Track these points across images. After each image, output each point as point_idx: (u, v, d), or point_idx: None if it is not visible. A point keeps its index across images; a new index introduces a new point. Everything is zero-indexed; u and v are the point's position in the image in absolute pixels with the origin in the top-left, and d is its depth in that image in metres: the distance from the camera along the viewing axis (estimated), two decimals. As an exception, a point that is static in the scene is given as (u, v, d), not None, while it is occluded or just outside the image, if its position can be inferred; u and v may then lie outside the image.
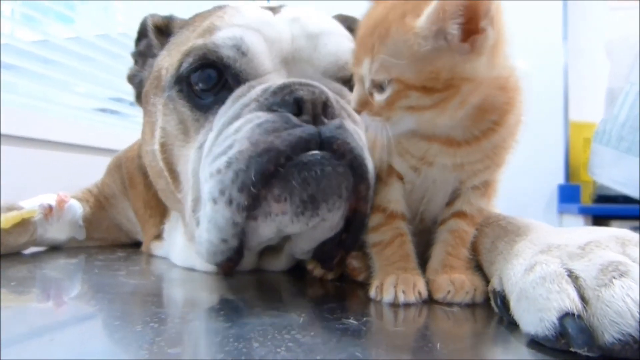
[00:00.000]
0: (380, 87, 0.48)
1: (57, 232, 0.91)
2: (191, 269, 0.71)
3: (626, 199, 2.15)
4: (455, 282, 0.50)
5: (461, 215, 0.55)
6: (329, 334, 0.40)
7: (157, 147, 0.68)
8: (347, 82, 0.65)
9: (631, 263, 0.37)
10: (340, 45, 0.65)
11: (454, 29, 0.43)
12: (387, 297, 0.49)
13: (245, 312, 0.46)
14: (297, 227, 0.55)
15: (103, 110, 1.81)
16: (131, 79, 0.83)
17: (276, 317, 0.44)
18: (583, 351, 0.34)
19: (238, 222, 0.53)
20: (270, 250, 0.65)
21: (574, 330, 0.35)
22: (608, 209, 2.12)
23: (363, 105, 0.50)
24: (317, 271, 0.62)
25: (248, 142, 0.53)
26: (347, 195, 0.55)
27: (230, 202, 0.53)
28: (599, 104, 2.41)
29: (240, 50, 0.61)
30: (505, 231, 0.52)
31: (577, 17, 2.59)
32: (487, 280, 0.51)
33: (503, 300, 0.44)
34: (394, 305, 0.49)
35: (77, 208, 0.94)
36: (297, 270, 0.69)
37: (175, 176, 0.67)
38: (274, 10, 0.70)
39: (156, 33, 0.77)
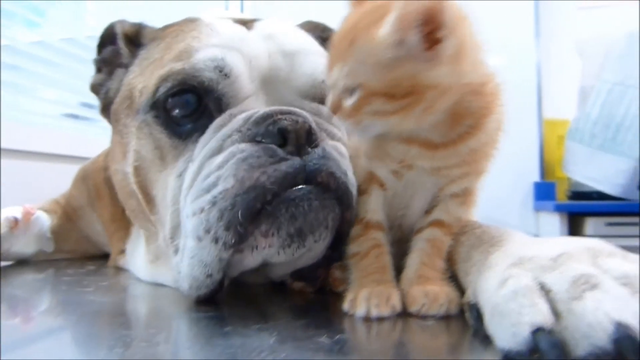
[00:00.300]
0: (350, 92, 0.49)
1: (24, 246, 0.88)
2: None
3: (600, 195, 2.18)
4: (430, 294, 0.49)
5: (439, 224, 0.55)
6: (300, 354, 0.39)
7: (129, 169, 0.66)
8: (323, 101, 0.64)
9: (602, 275, 0.36)
10: (316, 64, 0.64)
11: (414, 38, 0.44)
12: (360, 310, 0.48)
13: (215, 332, 0.45)
14: (283, 258, 0.55)
15: (72, 116, 1.77)
16: (95, 88, 0.78)
17: (247, 338, 0.43)
18: (555, 367, 0.34)
19: (224, 257, 0.52)
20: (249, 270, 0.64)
21: (546, 345, 0.34)
22: (583, 205, 2.15)
23: (335, 109, 0.51)
24: (297, 284, 0.61)
25: (233, 180, 0.52)
26: (332, 225, 0.55)
27: (216, 240, 0.52)
28: (572, 102, 2.45)
29: (223, 72, 0.59)
30: (480, 241, 0.52)
31: (548, 16, 2.62)
32: (461, 291, 0.51)
33: (477, 313, 0.44)
34: (367, 319, 0.48)
35: (44, 220, 0.92)
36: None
37: (149, 199, 0.65)
38: (247, 25, 0.68)
39: (125, 41, 0.74)
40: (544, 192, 2.35)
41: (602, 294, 0.35)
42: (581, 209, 2.13)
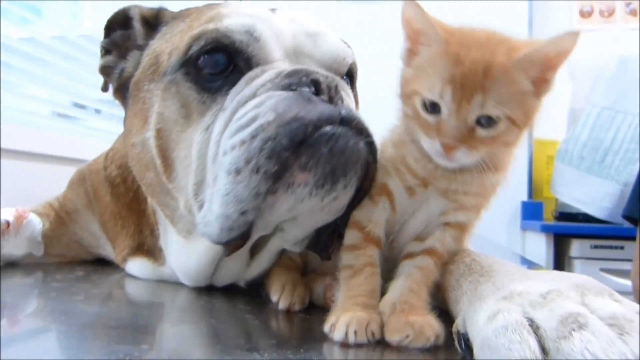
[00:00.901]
0: (482, 122, 0.50)
1: (14, 249, 0.88)
2: (166, 289, 0.71)
3: (586, 217, 2.21)
4: (415, 325, 0.48)
5: (432, 252, 0.55)
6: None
7: (151, 133, 0.66)
8: (342, 75, 0.69)
9: (590, 315, 0.37)
10: (337, 43, 0.69)
11: (534, 75, 0.50)
12: (338, 335, 0.48)
13: (209, 351, 0.45)
14: (312, 203, 0.56)
15: (63, 116, 1.76)
16: (106, 70, 0.78)
17: (239, 357, 0.43)
18: (542, 405, 0.34)
19: (261, 192, 0.53)
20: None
21: (534, 383, 0.35)
22: (569, 227, 2.17)
23: (463, 140, 0.50)
24: (283, 303, 0.61)
25: (275, 113, 0.54)
26: (360, 174, 0.57)
27: (257, 170, 0.53)
28: (562, 122, 2.48)
29: (254, 35, 0.62)
30: (469, 270, 0.53)
31: (540, 37, 2.66)
32: (448, 319, 0.51)
33: (467, 343, 0.45)
34: (345, 344, 0.48)
35: (37, 224, 0.91)
36: (259, 298, 0.68)
37: (168, 164, 0.65)
38: (270, 9, 0.71)
39: (142, 23, 0.75)
40: (531, 211, 2.37)
41: (590, 334, 0.35)
42: (567, 231, 2.16)
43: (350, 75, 0.73)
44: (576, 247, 2.09)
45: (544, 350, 0.37)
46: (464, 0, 2.38)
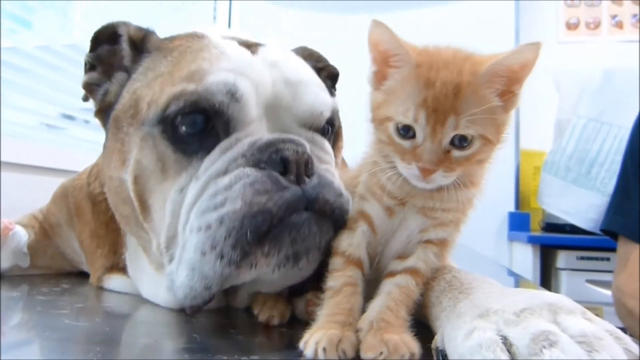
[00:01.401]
0: (456, 143, 0.51)
1: (0, 260, 0.88)
2: (150, 302, 0.72)
3: (573, 229, 2.23)
4: (390, 343, 0.47)
5: (413, 272, 0.55)
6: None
7: (129, 177, 0.67)
8: (318, 129, 0.69)
9: (560, 333, 0.39)
10: (316, 95, 0.68)
11: (499, 88, 0.51)
12: (308, 352, 0.48)
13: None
14: (276, 276, 0.59)
15: (51, 127, 1.75)
16: (89, 87, 0.77)
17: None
18: (513, 421, 0.36)
19: (226, 273, 0.56)
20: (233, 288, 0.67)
21: (506, 400, 0.36)
22: (556, 238, 2.20)
23: (440, 163, 0.51)
24: (262, 316, 0.62)
25: (242, 202, 0.56)
26: (325, 246, 0.59)
27: (221, 257, 0.55)
28: (549, 134, 2.51)
29: (235, 96, 0.62)
30: (450, 286, 0.54)
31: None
32: (428, 334, 0.52)
33: (444, 359, 0.46)
34: None
35: (22, 235, 0.92)
36: (244, 313, 0.68)
37: (145, 207, 0.66)
38: (251, 48, 0.70)
39: (130, 44, 0.74)
40: (518, 222, 2.39)
41: (559, 351, 0.37)
42: (554, 242, 2.18)
43: (330, 123, 0.72)
44: (562, 259, 2.11)
45: (516, 367, 0.38)
46: (451, 14, 2.41)
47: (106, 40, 0.76)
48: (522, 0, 2.64)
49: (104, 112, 0.76)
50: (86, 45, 0.79)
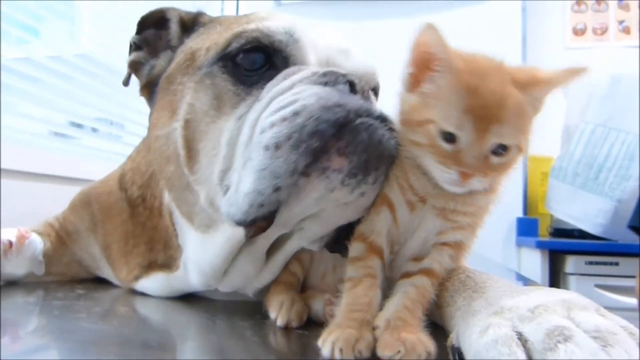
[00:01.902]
0: (496, 151, 0.51)
1: (16, 268, 0.89)
2: (168, 305, 0.73)
3: (581, 233, 2.23)
4: (407, 342, 0.48)
5: (429, 273, 0.56)
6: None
7: (178, 124, 0.68)
8: (372, 90, 0.70)
9: (575, 328, 0.39)
10: (365, 60, 0.72)
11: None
12: (325, 352, 0.49)
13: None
14: (341, 194, 0.57)
15: (60, 135, 1.77)
16: (136, 64, 0.80)
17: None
18: (529, 414, 0.36)
19: (298, 169, 0.54)
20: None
21: (522, 393, 0.37)
22: (564, 243, 2.19)
23: (479, 169, 0.51)
24: (281, 320, 0.62)
25: (316, 97, 0.56)
26: (386, 172, 0.58)
27: (297, 146, 0.54)
28: (556, 140, 2.50)
29: (293, 36, 0.64)
30: (464, 286, 0.55)
31: (534, 56, 2.70)
32: (442, 334, 0.53)
33: (460, 357, 0.46)
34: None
35: (38, 243, 0.93)
36: (259, 315, 0.69)
37: (192, 155, 0.66)
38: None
39: (180, 25, 0.78)
40: (526, 228, 2.38)
41: (574, 346, 0.37)
42: (562, 247, 2.17)
43: (375, 91, 0.75)
44: (571, 264, 2.10)
45: (532, 362, 0.39)
46: (458, 18, 2.43)
47: (153, 24, 0.80)
48: (529, 6, 2.65)
49: (149, 87, 0.79)
50: (95, 55, 0.82)
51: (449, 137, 0.51)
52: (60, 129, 1.80)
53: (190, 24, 0.78)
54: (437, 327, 0.54)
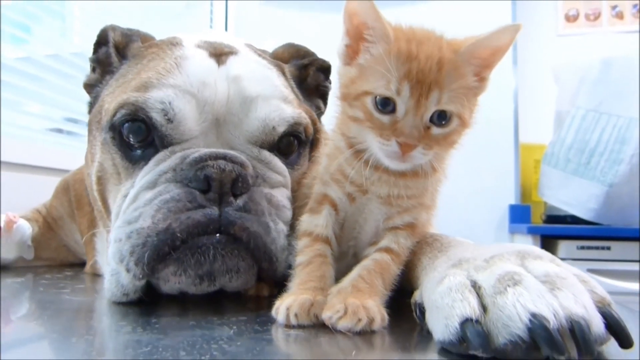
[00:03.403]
0: (435, 121, 0.50)
1: (5, 252, 0.91)
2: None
3: (574, 219, 2.24)
4: (350, 305, 0.47)
5: (387, 250, 0.54)
6: (254, 344, 0.42)
7: (94, 178, 0.71)
8: (274, 147, 0.69)
9: (525, 273, 0.41)
10: (270, 109, 0.68)
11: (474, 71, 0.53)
12: (280, 318, 0.49)
13: (179, 326, 0.49)
14: (200, 291, 0.59)
15: (57, 130, 1.80)
16: (88, 87, 0.82)
17: (208, 330, 0.46)
18: (478, 353, 0.38)
19: (137, 285, 0.58)
20: None
21: (472, 334, 0.38)
22: (556, 229, 2.20)
23: (420, 139, 0.50)
24: (251, 290, 0.63)
25: (150, 221, 0.57)
26: (247, 269, 0.60)
27: (127, 270, 0.57)
28: (549, 127, 2.52)
29: (167, 116, 0.63)
30: (430, 247, 0.56)
31: (526, 43, 2.71)
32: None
33: (422, 311, 0.48)
34: (288, 326, 0.48)
35: (26, 228, 0.95)
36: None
37: (107, 206, 0.70)
38: (221, 58, 0.71)
39: (115, 49, 0.78)
40: (519, 214, 2.39)
41: (522, 289, 0.39)
42: (554, 232, 2.18)
43: (293, 135, 0.71)
44: (563, 249, 2.11)
45: (484, 307, 0.40)
46: (447, 6, 2.44)
47: (103, 42, 0.80)
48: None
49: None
50: (90, 53, 0.83)
51: (386, 109, 0.50)
52: (58, 124, 1.83)
53: (122, 49, 0.77)
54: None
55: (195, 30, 0.84)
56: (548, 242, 2.20)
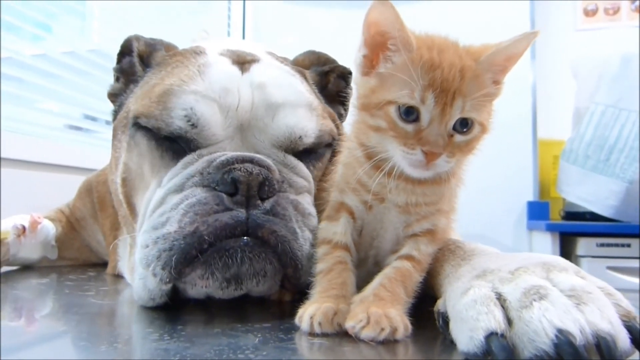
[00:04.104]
0: (458, 128, 0.51)
1: (30, 252, 0.93)
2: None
3: (593, 216, 2.22)
4: (372, 314, 0.47)
5: (408, 258, 0.54)
6: (280, 354, 0.43)
7: (118, 180, 0.72)
8: (299, 153, 0.69)
9: (551, 287, 0.41)
10: (298, 118, 0.68)
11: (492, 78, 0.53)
12: (304, 326, 0.49)
13: (205, 333, 0.49)
14: (226, 295, 0.60)
15: (75, 128, 1.82)
16: (112, 97, 0.83)
17: (234, 338, 0.47)
18: (504, 367, 0.38)
19: (164, 289, 0.58)
20: None
21: (497, 347, 0.38)
22: (574, 225, 2.18)
23: (446, 147, 0.50)
24: (274, 295, 0.64)
25: (177, 225, 0.58)
26: (273, 273, 0.60)
27: (154, 275, 0.58)
28: (567, 122, 2.49)
29: (190, 122, 0.64)
30: (453, 255, 0.56)
31: (544, 38, 2.68)
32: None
33: (445, 321, 0.48)
34: (312, 334, 0.48)
35: (50, 229, 0.96)
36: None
37: (132, 208, 0.71)
38: (244, 65, 0.71)
39: (139, 59, 0.79)
40: (537, 211, 2.38)
41: (548, 303, 0.39)
42: (573, 229, 2.16)
43: (317, 145, 0.71)
44: (582, 246, 2.10)
45: (509, 320, 0.40)
46: (465, 1, 2.41)
47: (127, 52, 0.81)
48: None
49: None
50: (107, 50, 0.83)
51: (410, 117, 0.50)
52: (76, 122, 1.85)
53: (146, 58, 0.78)
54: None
55: (213, 28, 0.84)
56: (567, 240, 2.18)
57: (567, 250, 2.20)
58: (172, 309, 0.59)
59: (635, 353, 0.40)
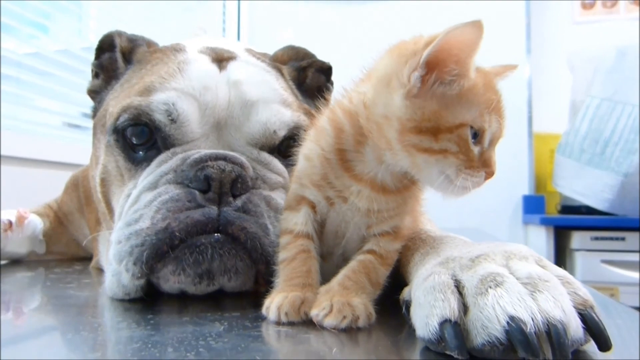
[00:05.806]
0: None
1: (17, 246, 0.94)
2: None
3: (589, 210, 2.22)
4: (335, 303, 0.48)
5: (371, 252, 0.55)
6: (241, 341, 0.43)
7: (98, 180, 0.73)
8: (274, 149, 0.70)
9: (508, 275, 0.41)
10: (271, 113, 0.69)
11: None
12: (271, 316, 0.50)
13: (173, 322, 0.50)
14: (200, 290, 0.60)
15: (74, 126, 1.83)
16: (92, 93, 0.84)
17: (199, 326, 0.48)
18: (454, 354, 0.38)
19: (137, 285, 0.59)
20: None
21: (449, 335, 0.39)
22: (569, 219, 2.19)
23: (484, 164, 0.50)
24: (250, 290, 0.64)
25: (149, 221, 0.59)
26: (245, 269, 0.60)
27: (127, 270, 0.58)
28: (564, 116, 2.49)
29: (171, 117, 0.65)
30: (423, 244, 0.57)
31: (541, 30, 2.68)
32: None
33: (408, 307, 0.48)
34: (279, 323, 0.49)
35: (38, 223, 0.97)
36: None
37: (110, 208, 0.72)
38: (222, 63, 0.72)
39: (121, 55, 0.79)
40: (532, 205, 2.38)
41: (503, 290, 0.39)
42: (568, 223, 2.17)
43: (292, 138, 0.69)
44: (577, 239, 2.10)
45: (465, 306, 0.41)
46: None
47: (108, 48, 0.82)
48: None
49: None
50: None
51: (475, 140, 0.48)
52: (74, 120, 1.86)
53: (128, 54, 0.79)
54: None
55: (208, 25, 0.84)
56: (562, 233, 2.19)
57: (561, 244, 2.20)
58: (148, 300, 0.60)
59: (590, 341, 0.40)
